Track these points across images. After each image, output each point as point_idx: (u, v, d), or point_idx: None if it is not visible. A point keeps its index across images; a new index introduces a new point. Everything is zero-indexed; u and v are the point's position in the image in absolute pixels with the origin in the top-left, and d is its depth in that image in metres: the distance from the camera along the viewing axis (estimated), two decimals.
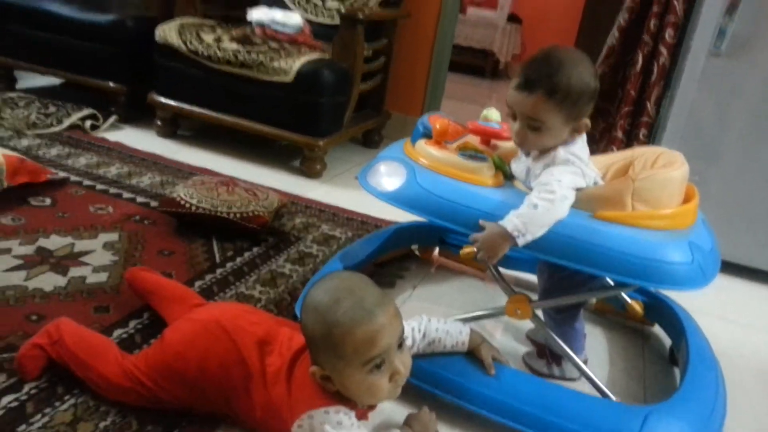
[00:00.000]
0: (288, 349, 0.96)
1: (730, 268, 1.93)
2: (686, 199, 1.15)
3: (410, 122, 2.76)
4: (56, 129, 2.33)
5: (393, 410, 1.10)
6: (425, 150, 1.22)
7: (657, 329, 1.55)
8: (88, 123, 2.41)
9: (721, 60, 1.81)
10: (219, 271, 1.51)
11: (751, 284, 1.95)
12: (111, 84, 2.53)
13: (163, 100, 2.44)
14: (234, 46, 2.26)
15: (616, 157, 1.28)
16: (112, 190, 1.88)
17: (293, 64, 2.18)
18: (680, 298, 1.48)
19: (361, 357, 0.84)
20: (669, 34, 2.03)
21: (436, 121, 1.26)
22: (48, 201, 1.73)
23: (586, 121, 1.09)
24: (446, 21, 2.83)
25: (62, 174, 1.92)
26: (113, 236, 1.59)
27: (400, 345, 0.89)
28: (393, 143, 1.34)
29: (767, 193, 1.86)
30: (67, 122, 2.37)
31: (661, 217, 1.07)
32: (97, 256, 1.49)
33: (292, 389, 0.92)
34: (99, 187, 1.89)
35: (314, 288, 0.90)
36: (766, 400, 1.35)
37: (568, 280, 1.20)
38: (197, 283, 1.43)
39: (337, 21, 2.46)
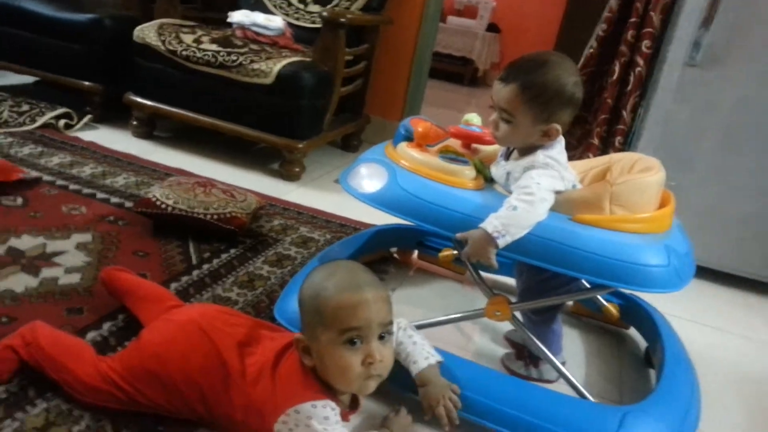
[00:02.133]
0: (271, 349, 0.96)
1: (704, 272, 1.97)
2: (662, 204, 1.17)
3: (390, 127, 2.78)
4: (29, 127, 2.28)
5: (372, 412, 1.09)
6: (407, 152, 1.22)
7: (632, 332, 1.57)
8: (62, 122, 2.37)
9: (696, 71, 1.85)
10: (195, 272, 1.48)
11: (724, 288, 1.99)
12: (86, 83, 2.49)
13: (139, 99, 2.41)
14: (214, 47, 2.25)
15: (594, 163, 1.30)
16: (86, 190, 1.84)
17: (273, 67, 2.17)
18: (655, 301, 1.51)
19: (340, 324, 0.86)
20: (646, 44, 2.07)
21: (417, 124, 1.26)
22: (20, 200, 1.69)
23: (557, 126, 1.09)
24: (427, 28, 2.85)
25: (34, 173, 1.87)
26: (86, 237, 1.56)
27: (383, 336, 0.89)
28: (374, 146, 1.34)
29: (740, 200, 1.90)
30: (40, 121, 2.33)
31: (638, 221, 1.08)
32: (69, 256, 1.45)
33: (276, 384, 0.91)
34: (72, 187, 1.85)
35: (320, 265, 0.96)
36: (739, 402, 1.37)
37: (546, 282, 1.21)
38: (173, 285, 1.41)
39: (318, 24, 2.46)
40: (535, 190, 1.04)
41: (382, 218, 1.51)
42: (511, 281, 1.53)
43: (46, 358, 1.01)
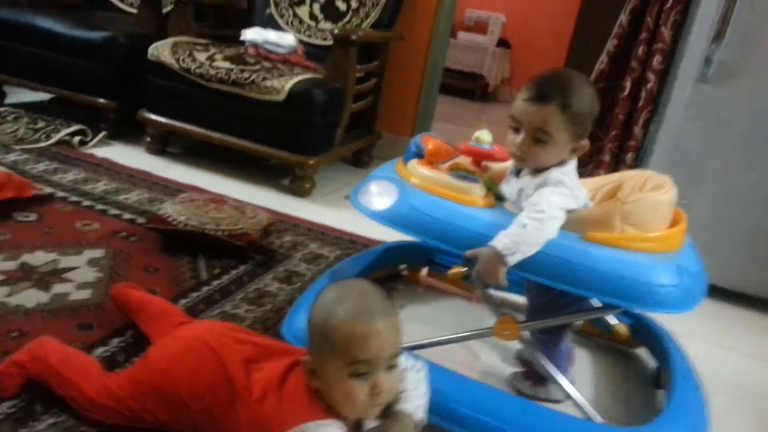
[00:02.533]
0: (278, 366, 0.95)
1: (715, 292, 1.94)
2: (674, 223, 1.16)
3: (401, 143, 2.78)
4: (44, 144, 2.31)
5: None
6: (417, 170, 1.23)
7: (642, 352, 1.55)
8: (76, 139, 2.40)
9: (707, 87, 1.84)
10: (205, 289, 1.49)
11: (735, 309, 1.97)
12: (101, 100, 2.52)
13: (153, 116, 2.44)
14: (227, 64, 2.27)
15: (605, 180, 1.29)
16: (99, 206, 1.86)
17: (285, 84, 2.19)
18: (665, 321, 1.49)
19: (349, 355, 0.84)
20: (657, 60, 2.07)
21: (428, 141, 1.27)
22: (33, 216, 1.71)
23: (586, 143, 1.11)
24: (437, 44, 2.87)
25: (48, 189, 1.90)
26: (98, 253, 1.57)
27: (391, 367, 0.88)
28: (385, 163, 1.35)
29: (752, 219, 1.88)
30: (55, 137, 2.36)
31: (650, 239, 1.08)
32: (81, 272, 1.47)
33: (283, 401, 0.90)
34: (85, 203, 1.87)
35: (332, 283, 0.94)
36: (747, 423, 1.35)
37: (555, 300, 1.20)
38: (182, 301, 1.41)
39: (329, 42, 2.48)
40: (545, 207, 1.04)
41: (391, 235, 1.51)
42: (521, 299, 1.52)
43: (53, 374, 1.01)
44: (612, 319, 1.46)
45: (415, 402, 0.99)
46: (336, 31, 2.29)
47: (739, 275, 1.95)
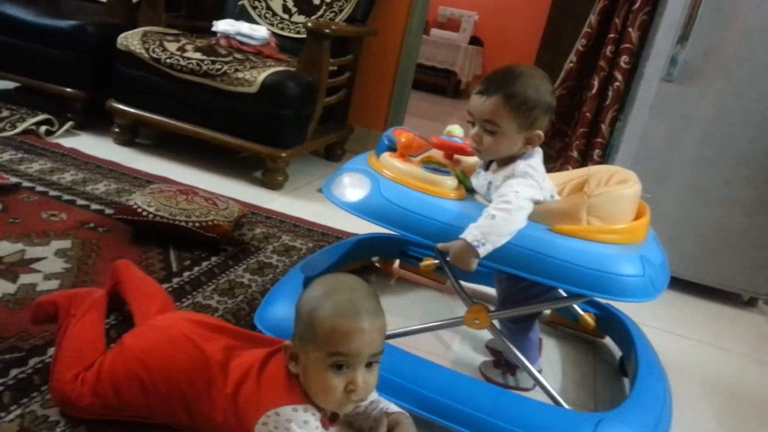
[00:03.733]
0: (257, 354, 0.96)
1: (678, 283, 2.00)
2: (638, 216, 1.19)
3: (373, 137, 2.80)
4: (9, 133, 2.26)
5: None
6: (389, 162, 1.24)
7: (608, 341, 1.59)
8: (43, 128, 2.35)
9: (672, 86, 1.90)
10: (176, 280, 1.48)
11: (698, 300, 2.04)
12: (68, 89, 2.47)
13: (121, 107, 2.40)
14: (198, 55, 2.25)
15: (572, 175, 1.32)
16: (66, 197, 1.83)
17: (258, 76, 2.18)
18: (630, 311, 1.53)
19: (329, 347, 0.85)
20: (624, 60, 2.12)
21: (401, 134, 1.28)
22: None
23: (539, 133, 1.13)
24: (411, 40, 2.89)
25: (14, 179, 1.85)
26: (66, 243, 1.55)
27: (370, 364, 0.89)
28: (357, 155, 1.36)
29: (714, 213, 1.95)
30: (21, 127, 2.30)
31: (615, 231, 1.11)
32: (48, 263, 1.44)
33: (261, 386, 0.91)
34: (52, 193, 1.84)
35: (325, 276, 0.95)
36: (709, 409, 1.40)
37: (525, 291, 1.23)
38: None
39: (303, 35, 2.47)
40: (513, 198, 1.06)
41: (364, 227, 1.53)
42: (491, 291, 1.55)
43: (62, 339, 1.05)
44: (579, 310, 1.50)
45: (392, 406, 1.02)
46: (309, 25, 2.28)
47: (701, 267, 2.01)
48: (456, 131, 1.37)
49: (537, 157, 1.16)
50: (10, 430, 0.94)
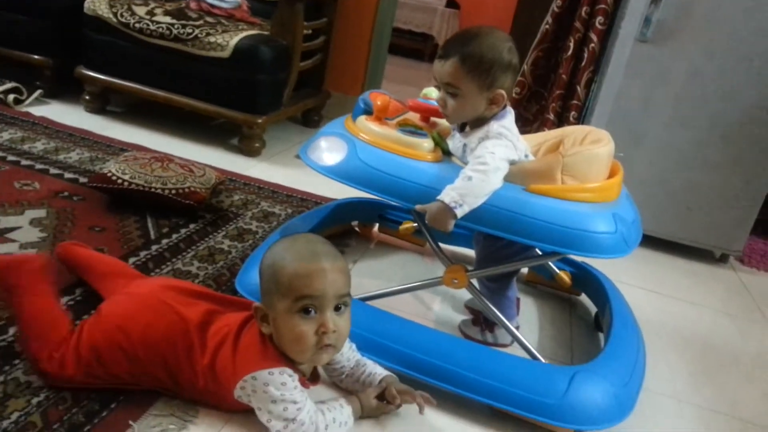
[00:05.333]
0: (234, 319, 0.97)
1: (651, 241, 2.05)
2: (611, 175, 1.22)
3: (350, 102, 2.75)
4: None
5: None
6: (366, 126, 1.24)
7: (583, 298, 1.63)
8: (11, 97, 2.29)
9: (647, 47, 1.91)
10: (154, 247, 1.48)
11: (670, 257, 2.09)
12: (36, 57, 2.40)
13: (91, 73, 2.35)
14: (168, 19, 2.20)
15: (548, 135, 1.34)
16: (39, 166, 1.80)
17: (230, 40, 2.14)
18: (606, 269, 1.57)
19: (294, 292, 0.87)
20: (599, 21, 2.12)
21: (377, 97, 1.28)
22: None
23: (501, 92, 1.14)
24: (386, 2, 2.84)
25: None
26: (41, 212, 1.53)
27: (339, 308, 0.91)
28: (334, 120, 1.35)
29: (686, 172, 1.99)
30: None
31: (588, 190, 1.13)
32: (24, 232, 1.42)
33: (237, 352, 0.92)
34: (24, 162, 1.80)
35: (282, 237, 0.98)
36: (681, 362, 1.45)
37: (502, 250, 1.25)
38: (131, 260, 1.39)
39: None
40: (488, 159, 1.07)
41: (342, 192, 1.53)
42: (470, 253, 1.57)
43: (20, 323, 1.02)
44: (555, 268, 1.53)
45: (378, 368, 1.06)
46: None
47: (674, 226, 2.06)
48: (432, 94, 1.36)
49: (509, 117, 1.17)
50: None
